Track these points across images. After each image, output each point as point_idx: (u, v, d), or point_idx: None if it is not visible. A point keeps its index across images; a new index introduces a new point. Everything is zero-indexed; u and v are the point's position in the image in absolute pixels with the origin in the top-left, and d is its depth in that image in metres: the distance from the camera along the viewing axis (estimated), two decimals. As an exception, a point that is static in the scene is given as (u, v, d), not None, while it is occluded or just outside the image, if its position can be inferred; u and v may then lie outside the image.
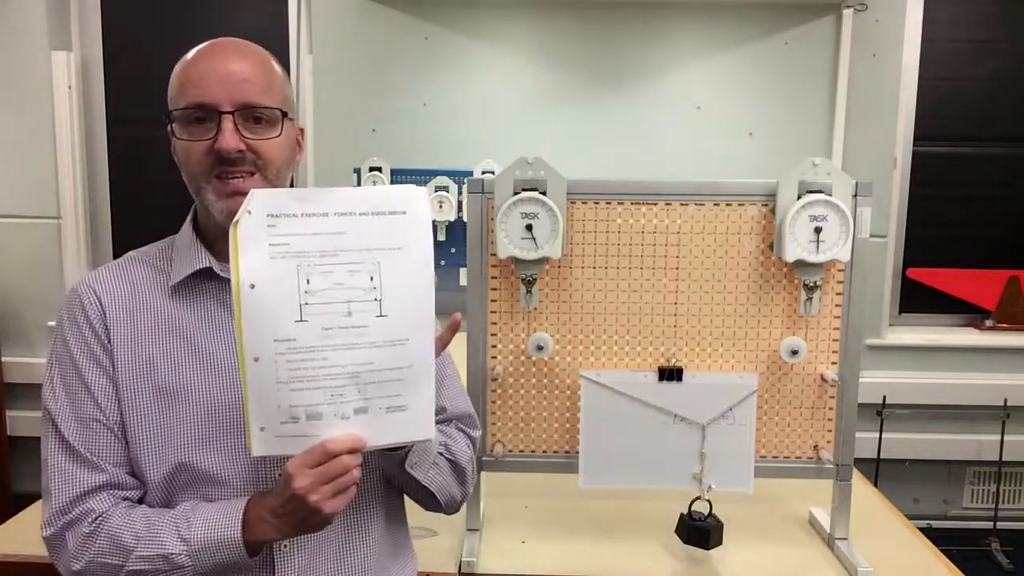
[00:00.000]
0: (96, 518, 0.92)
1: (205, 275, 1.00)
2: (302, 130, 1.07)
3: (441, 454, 1.06)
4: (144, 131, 2.96)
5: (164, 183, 3.01)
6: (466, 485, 1.11)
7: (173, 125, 0.97)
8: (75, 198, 2.90)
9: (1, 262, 2.91)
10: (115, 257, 1.11)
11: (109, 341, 0.97)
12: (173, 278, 1.00)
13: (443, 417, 1.12)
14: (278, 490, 0.88)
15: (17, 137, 2.86)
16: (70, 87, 2.85)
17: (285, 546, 0.96)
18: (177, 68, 0.98)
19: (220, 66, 0.96)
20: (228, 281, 0.93)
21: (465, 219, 2.33)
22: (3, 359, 2.88)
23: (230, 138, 0.93)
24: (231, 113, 0.94)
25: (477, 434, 1.18)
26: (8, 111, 2.85)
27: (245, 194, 0.86)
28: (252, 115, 0.96)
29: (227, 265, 0.95)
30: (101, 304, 0.98)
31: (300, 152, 1.06)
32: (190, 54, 0.99)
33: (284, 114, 0.99)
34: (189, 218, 1.05)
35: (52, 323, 2.91)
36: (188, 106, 0.95)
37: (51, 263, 2.90)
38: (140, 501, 0.98)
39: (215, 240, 1.01)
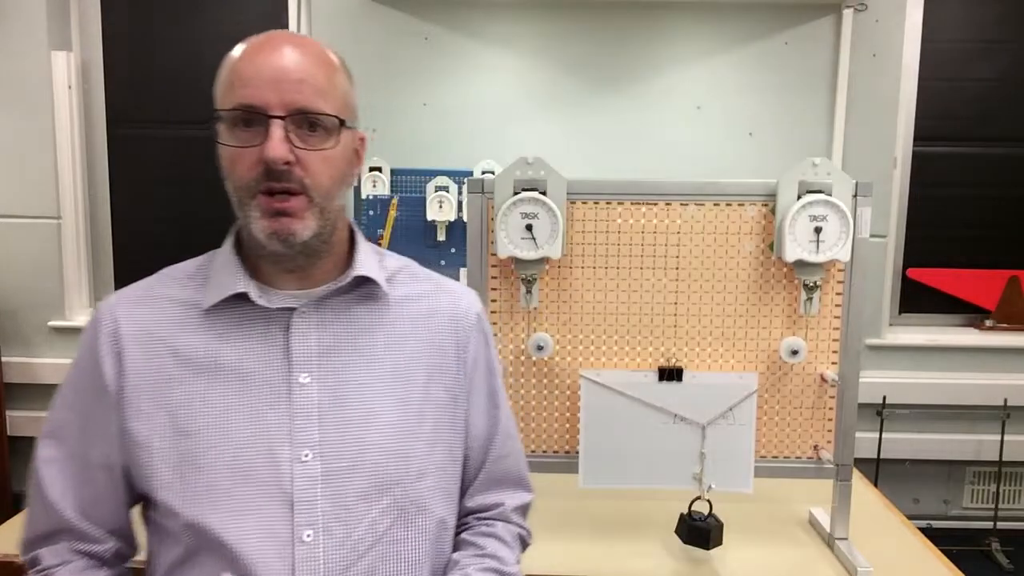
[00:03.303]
0: (42, 571, 0.89)
1: (241, 299, 0.89)
2: (362, 138, 0.95)
3: None
4: (144, 131, 2.96)
5: (164, 183, 3.05)
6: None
7: (218, 127, 0.86)
8: (75, 198, 2.89)
9: (1, 262, 2.91)
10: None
11: (122, 374, 0.88)
12: (206, 301, 0.90)
13: (482, 479, 1.04)
14: None
15: (17, 137, 2.86)
16: (70, 87, 2.85)
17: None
18: (226, 62, 0.87)
19: (274, 63, 0.84)
20: (266, 309, 0.89)
21: (465, 219, 2.33)
22: (3, 359, 2.88)
23: (278, 146, 0.82)
24: (282, 118, 0.83)
25: (530, 498, 1.09)
26: (8, 111, 2.85)
27: (289, 215, 0.83)
28: (307, 120, 0.85)
29: (267, 290, 0.90)
30: (119, 332, 0.89)
31: (359, 163, 0.95)
32: (241, 47, 0.87)
33: (342, 122, 0.88)
34: (231, 234, 0.94)
35: (52, 323, 2.92)
36: (235, 107, 0.84)
37: (51, 263, 2.90)
38: (110, 557, 0.92)
39: (257, 261, 0.91)
